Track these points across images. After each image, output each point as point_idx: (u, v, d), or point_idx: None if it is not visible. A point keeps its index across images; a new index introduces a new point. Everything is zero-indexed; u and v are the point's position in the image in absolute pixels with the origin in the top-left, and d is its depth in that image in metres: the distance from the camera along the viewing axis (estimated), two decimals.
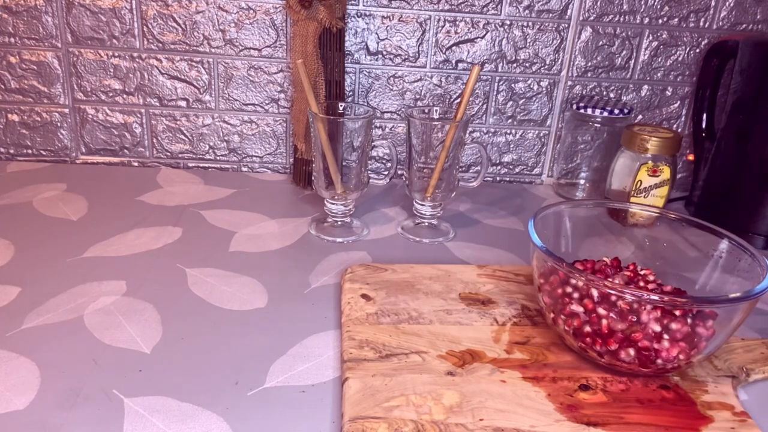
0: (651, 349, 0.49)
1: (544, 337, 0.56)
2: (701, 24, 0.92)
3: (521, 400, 0.48)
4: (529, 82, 0.94)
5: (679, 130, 0.98)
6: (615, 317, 0.49)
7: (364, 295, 0.61)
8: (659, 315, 0.48)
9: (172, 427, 0.45)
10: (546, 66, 0.93)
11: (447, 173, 0.75)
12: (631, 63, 0.94)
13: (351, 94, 0.93)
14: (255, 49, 0.89)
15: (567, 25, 0.91)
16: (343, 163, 0.74)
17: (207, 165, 0.96)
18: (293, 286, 0.65)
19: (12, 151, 0.94)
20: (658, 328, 0.48)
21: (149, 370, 0.51)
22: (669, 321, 0.48)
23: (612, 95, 0.95)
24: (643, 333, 0.49)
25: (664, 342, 0.49)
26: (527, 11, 0.90)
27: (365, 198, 0.88)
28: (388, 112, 0.94)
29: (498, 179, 1.00)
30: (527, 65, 0.93)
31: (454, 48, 0.91)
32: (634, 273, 0.58)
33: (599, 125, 0.90)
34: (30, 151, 0.94)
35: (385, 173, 0.81)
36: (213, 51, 0.89)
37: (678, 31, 0.92)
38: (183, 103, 0.92)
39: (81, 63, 0.89)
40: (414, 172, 0.76)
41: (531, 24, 0.90)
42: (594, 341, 0.50)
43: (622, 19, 0.91)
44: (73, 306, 0.59)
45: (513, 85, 0.94)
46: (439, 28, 0.90)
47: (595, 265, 0.59)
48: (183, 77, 0.91)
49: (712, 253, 0.58)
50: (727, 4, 0.91)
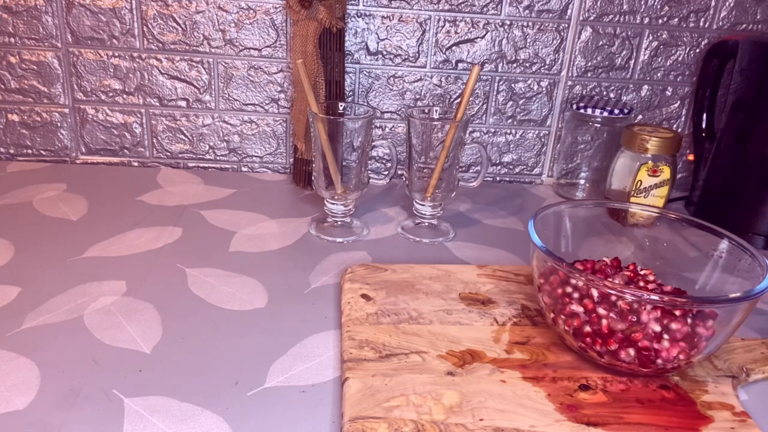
0: (651, 349, 0.49)
1: (544, 337, 0.56)
2: (701, 24, 0.92)
3: (521, 400, 0.48)
4: (529, 82, 0.94)
5: (679, 130, 0.98)
6: (615, 317, 0.49)
7: (364, 295, 0.61)
8: (659, 315, 0.48)
9: (172, 427, 0.45)
10: (546, 66, 0.93)
11: (447, 173, 0.75)
12: (631, 63, 0.94)
13: (351, 94, 0.93)
14: (255, 49, 0.89)
15: (567, 25, 0.91)
16: (343, 163, 0.74)
17: (207, 165, 0.96)
18: (293, 286, 0.65)
19: (12, 151, 0.94)
20: (658, 328, 0.48)
21: (149, 370, 0.51)
22: (669, 321, 0.48)
23: (612, 95, 0.95)
24: (643, 333, 0.49)
25: (664, 342, 0.49)
26: (527, 11, 0.90)
27: (365, 198, 0.88)
28: (388, 112, 0.94)
29: (498, 179, 1.00)
30: (527, 65, 0.93)
31: (454, 48, 0.91)
32: (634, 273, 0.58)
33: (599, 125, 0.90)
34: (30, 151, 0.94)
35: (385, 173, 0.81)
36: (213, 51, 0.89)
37: (678, 31, 0.92)
38: (183, 103, 0.92)
39: (81, 63, 0.89)
40: (414, 172, 0.76)
41: (531, 24, 0.90)
42: (594, 341, 0.50)
43: (622, 19, 0.91)
44: (73, 306, 0.59)
45: (513, 85, 0.94)
46: (439, 28, 0.90)
47: (595, 265, 0.59)
48: (183, 77, 0.91)
49: (712, 253, 0.58)
50: (727, 4, 0.91)
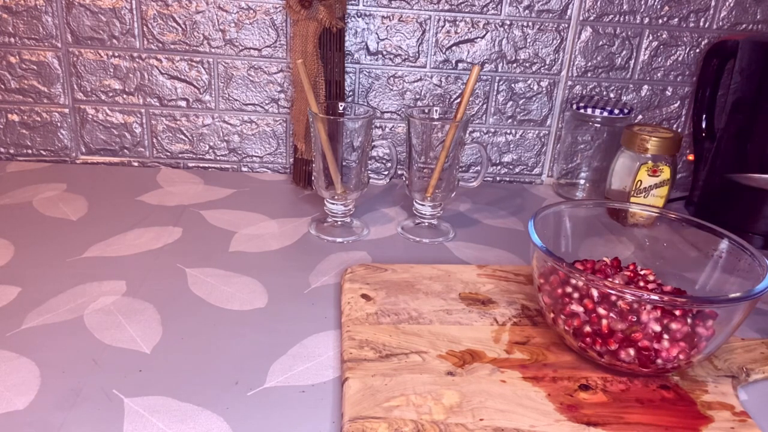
0: (651, 349, 0.49)
1: (544, 337, 0.56)
2: (701, 24, 0.92)
3: (521, 400, 0.48)
4: (529, 82, 0.94)
5: (679, 130, 0.98)
6: (615, 317, 0.49)
7: (364, 295, 0.61)
8: (659, 315, 0.48)
9: (172, 427, 0.45)
10: (546, 66, 0.93)
11: (447, 173, 0.75)
12: (631, 63, 0.94)
13: (351, 94, 0.93)
14: (255, 49, 0.89)
15: (567, 25, 0.91)
16: (343, 163, 0.74)
17: (207, 165, 0.96)
18: (293, 286, 0.65)
19: (12, 151, 0.94)
20: (658, 328, 0.48)
21: (149, 370, 0.51)
22: (669, 321, 0.48)
23: (612, 95, 0.95)
24: (643, 333, 0.49)
25: (664, 342, 0.49)
26: (527, 11, 0.90)
27: (365, 198, 0.88)
28: (388, 112, 0.94)
29: (498, 179, 1.00)
30: (527, 65, 0.93)
31: (454, 48, 0.91)
32: (634, 273, 0.58)
33: (599, 125, 0.90)
34: (30, 151, 0.94)
35: (385, 173, 0.81)
36: (213, 51, 0.89)
37: (678, 31, 0.92)
38: (183, 103, 0.92)
39: (81, 63, 0.89)
40: (414, 172, 0.76)
41: (531, 24, 0.90)
42: (594, 341, 0.50)
43: (622, 19, 0.91)
44: (73, 306, 0.59)
45: (513, 85, 0.94)
46: (439, 28, 0.90)
47: (595, 265, 0.59)
48: (183, 77, 0.91)
49: (712, 253, 0.58)
50: (727, 4, 0.91)
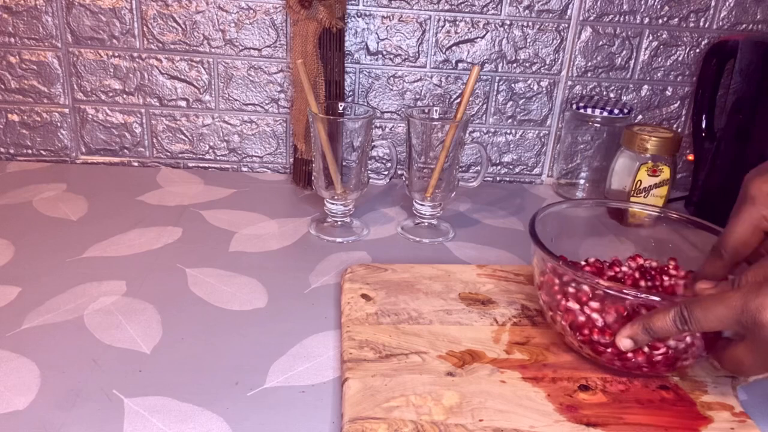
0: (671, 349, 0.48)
1: (544, 338, 0.56)
2: (701, 24, 0.92)
3: (521, 400, 0.48)
4: (529, 82, 0.94)
5: (679, 130, 0.98)
6: (614, 314, 0.49)
7: (364, 295, 0.61)
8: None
9: (172, 427, 0.45)
10: (546, 66, 0.93)
11: (447, 173, 0.75)
12: (631, 63, 0.94)
13: (351, 94, 0.93)
14: (255, 49, 0.89)
15: (567, 25, 0.91)
16: (343, 163, 0.74)
17: (207, 165, 0.96)
18: (293, 286, 0.65)
19: (12, 151, 0.94)
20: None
21: (149, 370, 0.51)
22: None
23: (612, 95, 0.95)
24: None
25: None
26: (527, 11, 0.90)
27: (365, 198, 0.88)
28: (388, 112, 0.94)
29: (498, 179, 1.00)
30: (527, 65, 0.93)
31: (454, 48, 0.91)
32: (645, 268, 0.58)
33: (599, 125, 0.90)
34: (30, 151, 0.94)
35: (385, 173, 0.81)
36: (213, 51, 0.89)
37: (678, 31, 0.92)
38: (183, 103, 0.92)
39: (81, 63, 0.89)
40: (414, 172, 0.76)
41: (531, 24, 0.90)
42: (591, 331, 0.49)
43: (622, 19, 0.91)
44: (73, 306, 0.59)
45: (513, 85, 0.94)
46: (439, 28, 0.90)
47: (597, 265, 0.59)
48: (183, 77, 0.91)
49: None
50: (727, 4, 0.91)
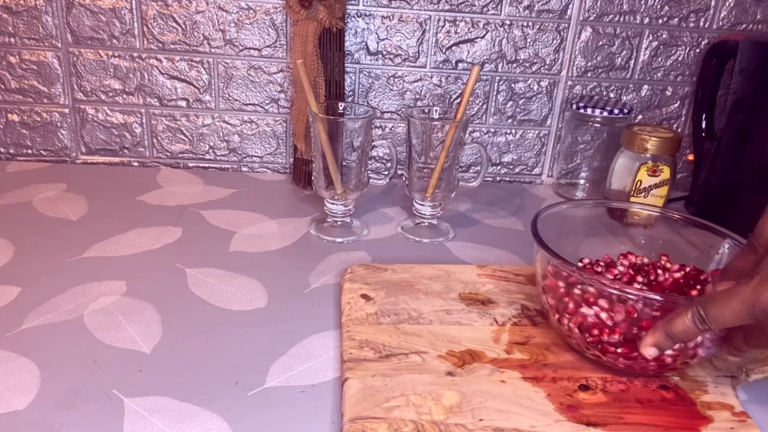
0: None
1: (544, 337, 0.56)
2: (701, 24, 0.92)
3: (521, 400, 0.48)
4: (529, 82, 0.94)
5: (679, 130, 0.98)
6: (622, 314, 0.49)
7: (364, 295, 0.61)
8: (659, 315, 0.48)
9: (172, 427, 0.45)
10: (546, 66, 0.93)
11: (447, 173, 0.75)
12: (631, 63, 0.94)
13: (351, 94, 0.93)
14: (255, 49, 0.89)
15: (567, 25, 0.91)
16: (343, 163, 0.74)
17: (207, 165, 0.96)
18: (293, 286, 0.65)
19: (12, 151, 0.94)
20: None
21: (149, 370, 0.51)
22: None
23: (612, 95, 0.95)
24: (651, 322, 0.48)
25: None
26: (527, 11, 0.90)
27: (365, 198, 0.88)
28: (388, 112, 0.94)
29: (498, 179, 1.00)
30: (527, 65, 0.93)
31: (454, 48, 0.91)
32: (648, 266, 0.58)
33: (599, 125, 0.90)
34: (30, 151, 0.94)
35: (385, 173, 0.81)
36: (213, 51, 0.89)
37: (678, 31, 0.92)
38: (183, 103, 0.92)
39: (81, 63, 0.89)
40: (414, 172, 0.76)
41: (531, 24, 0.90)
42: (601, 332, 0.49)
43: (622, 19, 0.91)
44: (73, 306, 0.59)
45: (513, 85, 0.94)
46: (439, 28, 0.90)
47: (598, 265, 0.59)
48: (183, 77, 0.91)
49: (712, 253, 0.58)
50: (727, 4, 0.91)
